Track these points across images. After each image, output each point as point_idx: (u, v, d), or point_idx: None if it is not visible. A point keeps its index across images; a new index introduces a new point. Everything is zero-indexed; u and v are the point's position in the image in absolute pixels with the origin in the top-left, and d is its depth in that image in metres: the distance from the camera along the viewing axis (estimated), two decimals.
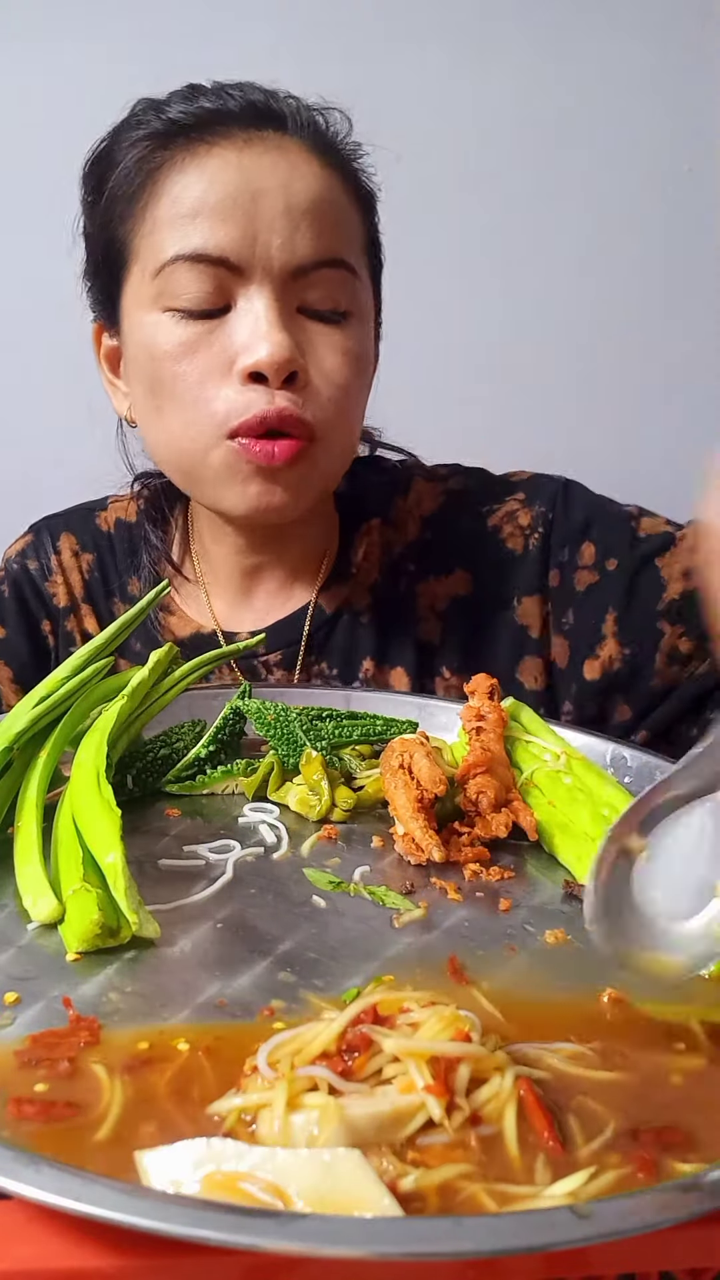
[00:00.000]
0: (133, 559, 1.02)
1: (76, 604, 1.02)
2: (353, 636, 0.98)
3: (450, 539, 0.99)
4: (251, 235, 0.79)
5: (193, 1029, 0.49)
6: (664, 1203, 0.36)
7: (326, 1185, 0.37)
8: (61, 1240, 0.36)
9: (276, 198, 0.80)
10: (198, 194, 0.80)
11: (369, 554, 0.99)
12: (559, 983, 0.56)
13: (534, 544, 0.95)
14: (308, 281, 0.82)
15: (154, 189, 0.82)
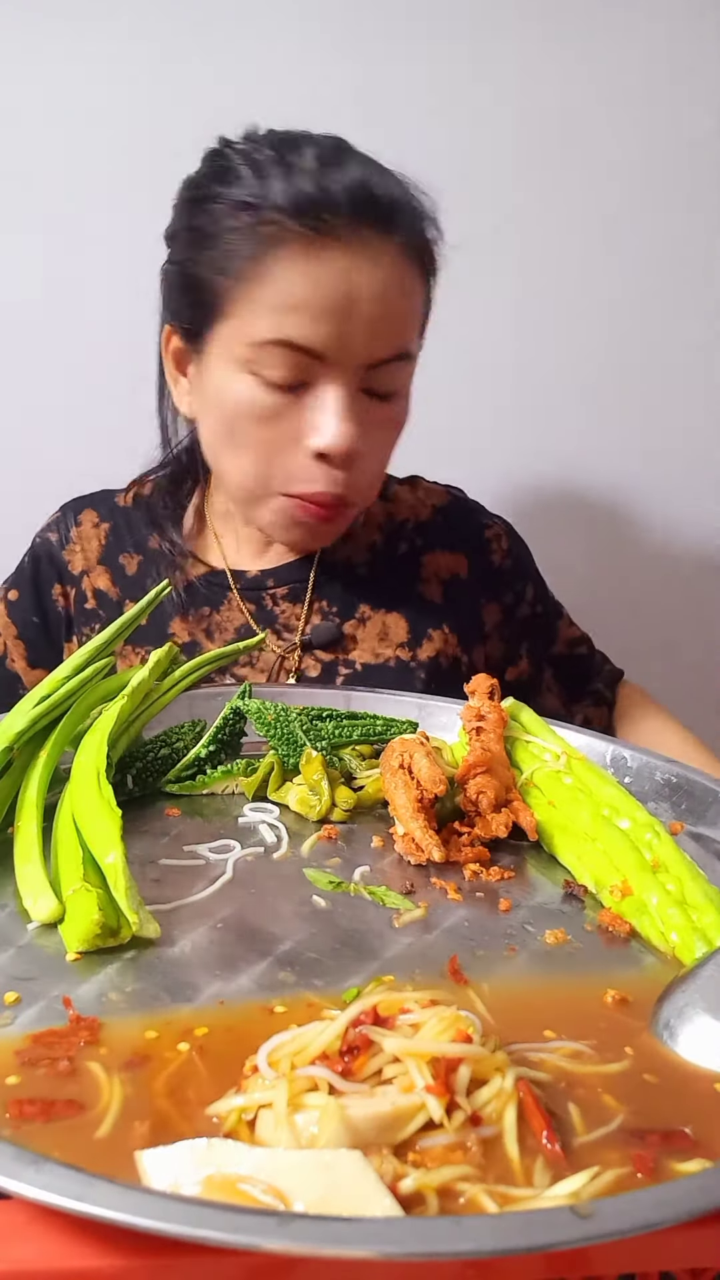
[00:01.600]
0: (151, 521, 1.13)
1: (91, 567, 1.13)
2: (352, 582, 1.12)
3: (458, 529, 1.16)
4: (343, 334, 0.89)
5: (193, 1029, 0.49)
6: (664, 1203, 0.36)
7: (326, 1186, 0.37)
8: (61, 1240, 0.36)
9: (371, 305, 0.88)
10: (304, 292, 0.87)
11: (369, 520, 1.14)
12: (559, 983, 0.56)
13: (507, 566, 1.16)
14: (376, 373, 0.92)
15: (259, 267, 0.88)
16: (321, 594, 1.10)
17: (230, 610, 1.09)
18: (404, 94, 1.39)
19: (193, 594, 1.10)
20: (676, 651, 1.63)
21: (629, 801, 0.72)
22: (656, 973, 0.57)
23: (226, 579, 1.10)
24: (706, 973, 0.53)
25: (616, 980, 0.56)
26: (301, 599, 1.09)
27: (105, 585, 1.12)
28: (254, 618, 1.09)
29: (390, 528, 1.14)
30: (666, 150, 1.44)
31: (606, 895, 0.64)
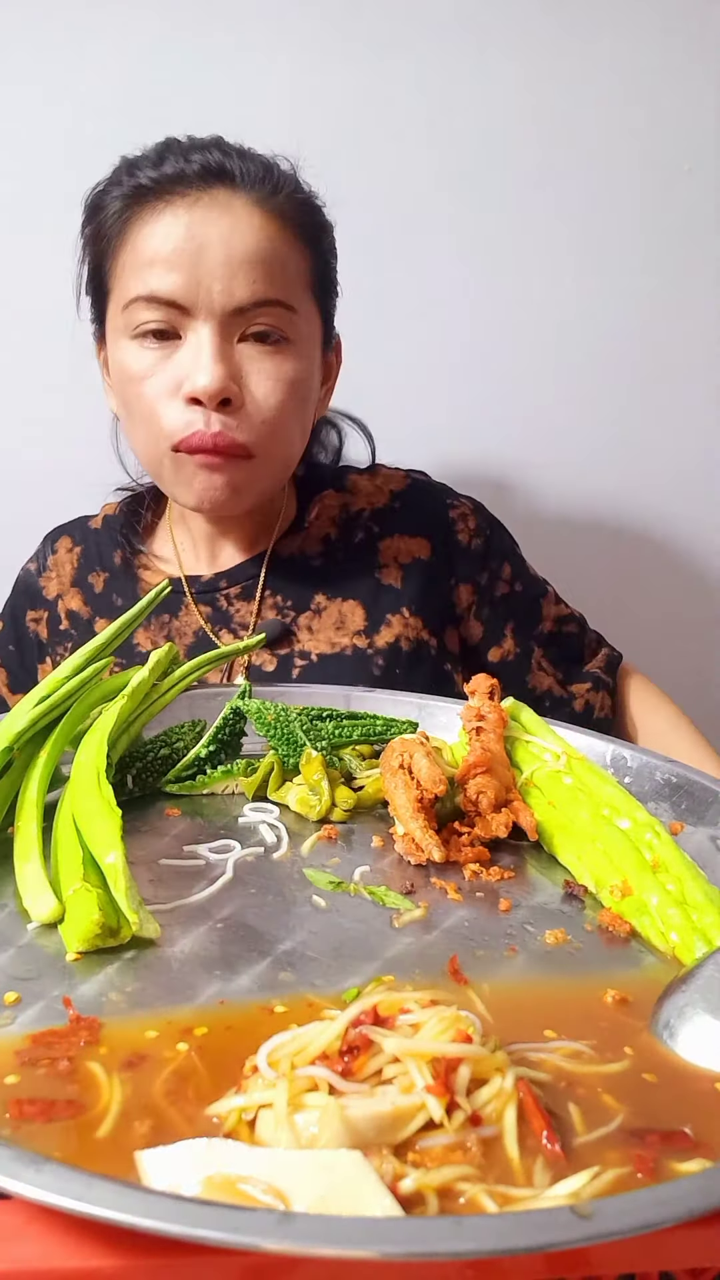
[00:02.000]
0: (114, 540, 1.18)
1: (65, 589, 1.17)
2: (305, 575, 1.13)
3: (418, 512, 1.16)
4: (195, 281, 0.93)
5: (193, 1029, 0.49)
6: (664, 1203, 0.36)
7: (326, 1186, 0.37)
8: (61, 1240, 0.36)
9: (218, 250, 0.93)
10: (154, 246, 0.94)
11: (322, 514, 1.15)
12: (559, 983, 0.56)
13: (476, 545, 1.15)
14: (245, 318, 0.95)
15: (124, 238, 0.97)
16: (274, 589, 1.11)
17: (188, 615, 1.12)
18: (402, 94, 1.38)
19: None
20: (677, 650, 1.63)
21: (629, 801, 0.72)
22: (656, 973, 0.57)
23: (182, 585, 1.12)
24: (706, 973, 0.53)
25: (616, 980, 0.56)
26: (253, 595, 1.11)
27: (77, 606, 1.16)
28: (209, 620, 1.11)
29: (345, 519, 1.15)
30: (666, 149, 1.44)
31: (606, 895, 0.64)
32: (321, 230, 1.03)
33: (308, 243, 1.00)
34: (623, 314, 1.50)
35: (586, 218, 1.46)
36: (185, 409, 0.95)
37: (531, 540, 1.26)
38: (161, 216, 0.94)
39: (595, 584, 1.56)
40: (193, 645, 1.10)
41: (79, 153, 1.38)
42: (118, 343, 0.99)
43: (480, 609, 1.15)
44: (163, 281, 0.93)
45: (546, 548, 1.30)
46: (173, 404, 0.96)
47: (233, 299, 0.93)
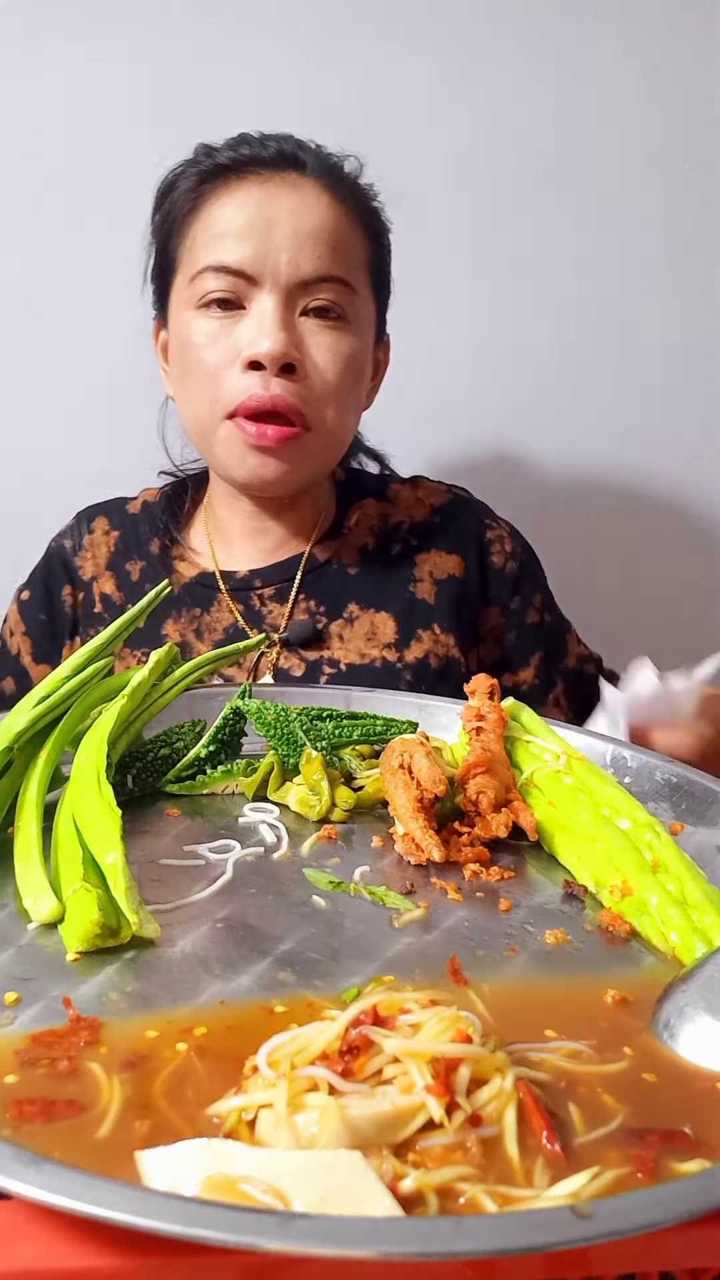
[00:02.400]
0: (153, 527, 1.18)
1: (100, 573, 1.17)
2: (340, 582, 1.13)
3: (455, 528, 1.16)
4: (264, 253, 0.97)
5: (193, 1029, 0.49)
6: (664, 1203, 0.36)
7: (326, 1186, 0.37)
8: (61, 1240, 0.36)
9: (287, 224, 0.97)
10: (226, 218, 0.99)
11: (361, 522, 1.16)
12: (559, 983, 0.56)
13: (511, 568, 1.16)
14: (309, 292, 0.99)
15: (196, 214, 1.01)
16: (308, 593, 1.12)
17: (220, 611, 1.12)
18: (401, 94, 1.38)
19: (185, 595, 1.13)
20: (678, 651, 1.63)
21: (629, 801, 0.72)
22: (656, 973, 0.57)
23: (216, 580, 1.12)
24: (706, 973, 0.53)
25: (616, 980, 0.56)
26: (287, 598, 1.11)
27: (111, 590, 1.15)
28: (243, 617, 1.11)
29: (384, 530, 1.15)
30: (666, 150, 1.44)
31: (606, 895, 0.64)
32: (380, 227, 1.08)
33: (367, 233, 1.04)
34: (623, 313, 1.50)
35: (587, 217, 1.46)
36: (244, 375, 0.97)
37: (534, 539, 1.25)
38: (234, 192, 0.99)
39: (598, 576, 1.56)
40: (222, 642, 1.09)
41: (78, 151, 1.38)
42: (181, 314, 1.02)
43: (507, 632, 1.15)
44: (233, 252, 0.97)
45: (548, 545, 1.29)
46: (232, 371, 0.98)
47: (299, 271, 0.97)
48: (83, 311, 1.40)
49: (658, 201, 1.46)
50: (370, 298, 1.06)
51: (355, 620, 1.10)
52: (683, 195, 1.46)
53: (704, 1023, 0.49)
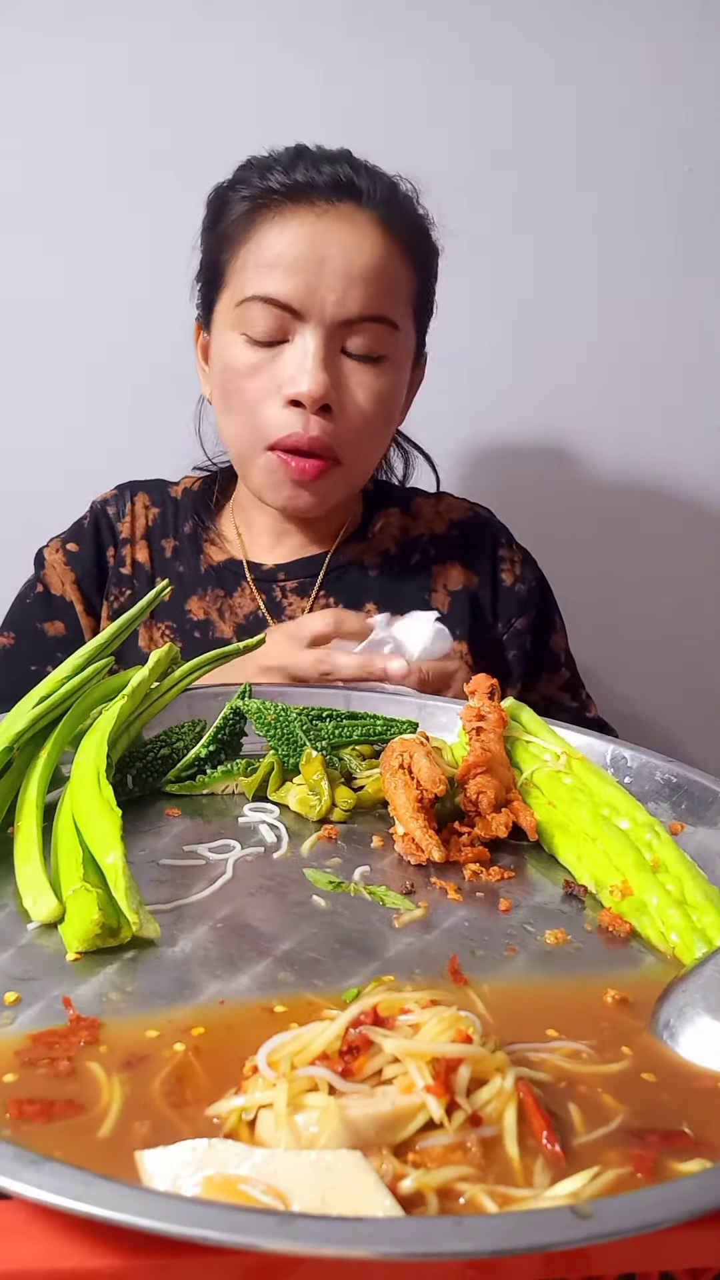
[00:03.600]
0: (189, 512, 1.23)
1: (135, 539, 1.21)
2: (360, 583, 1.17)
3: (472, 544, 1.21)
4: (313, 289, 0.98)
5: (193, 1029, 0.49)
6: (664, 1203, 0.36)
7: (326, 1187, 0.37)
8: (61, 1240, 0.36)
9: (338, 261, 0.97)
10: (278, 250, 0.98)
11: (384, 530, 1.20)
12: (559, 983, 0.56)
13: (520, 590, 1.20)
14: (352, 330, 1.00)
15: (249, 236, 1.01)
16: (329, 591, 1.15)
17: (243, 597, 1.15)
18: (402, 95, 1.38)
19: (212, 575, 1.17)
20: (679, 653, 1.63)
21: (629, 801, 0.72)
22: (656, 973, 0.57)
23: (243, 569, 1.17)
24: (707, 973, 0.53)
25: (616, 980, 0.56)
26: (309, 594, 1.15)
27: (144, 559, 1.19)
28: (265, 606, 1.14)
29: (404, 541, 1.20)
30: (666, 150, 1.44)
31: (606, 895, 0.64)
32: (430, 253, 1.08)
33: (416, 264, 1.05)
34: (623, 313, 1.50)
35: (588, 218, 1.46)
36: (284, 410, 1.00)
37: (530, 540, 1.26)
38: (289, 222, 0.98)
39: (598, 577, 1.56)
40: (242, 626, 1.14)
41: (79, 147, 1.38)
42: (224, 334, 1.03)
43: (507, 650, 1.19)
44: (282, 285, 0.98)
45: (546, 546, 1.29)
46: (273, 404, 1.00)
47: (344, 310, 0.98)
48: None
49: (659, 202, 1.46)
50: (412, 329, 1.07)
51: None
52: (684, 196, 1.46)
53: (704, 1023, 0.49)
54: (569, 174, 1.44)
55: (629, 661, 1.57)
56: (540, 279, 1.47)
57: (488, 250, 1.44)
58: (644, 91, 1.42)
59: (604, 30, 1.40)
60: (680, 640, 1.63)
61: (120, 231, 1.38)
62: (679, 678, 1.63)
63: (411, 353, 1.09)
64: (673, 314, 1.50)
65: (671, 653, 1.63)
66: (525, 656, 1.20)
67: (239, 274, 1.01)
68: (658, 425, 1.54)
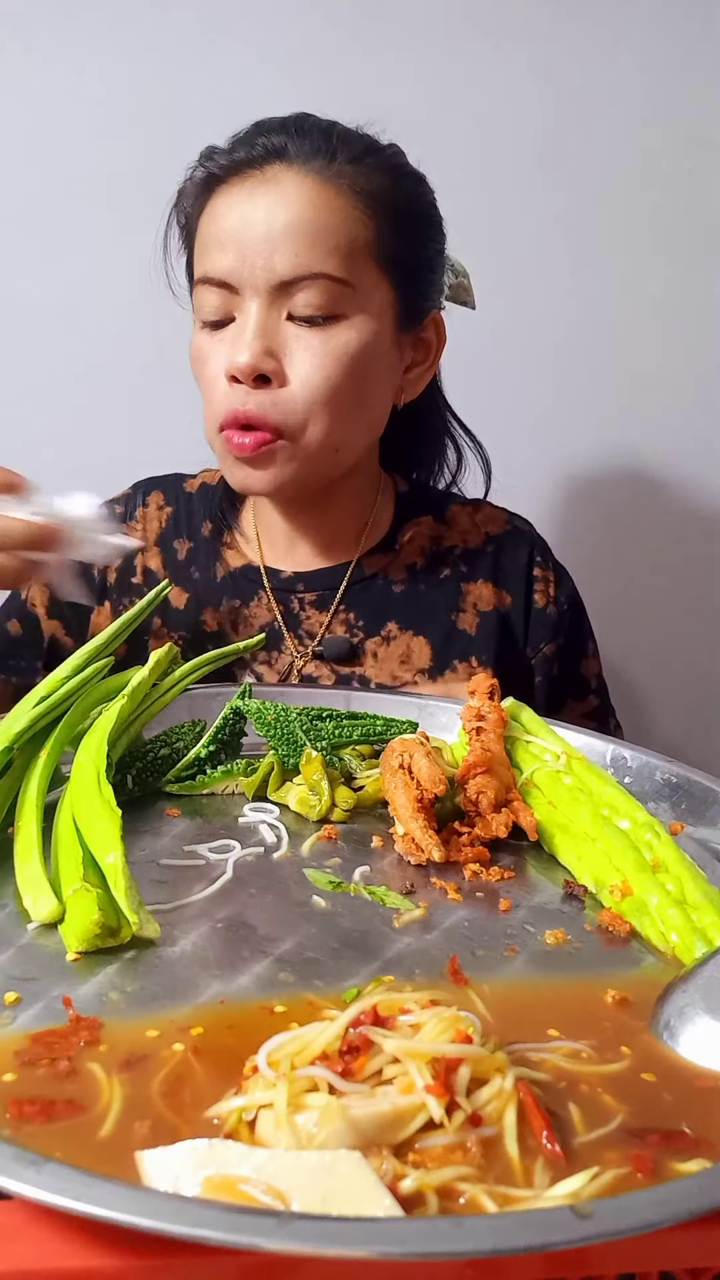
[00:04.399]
0: (207, 510, 1.16)
1: (149, 546, 1.15)
2: (383, 598, 1.10)
3: (508, 562, 1.14)
4: (241, 260, 0.92)
5: (193, 1029, 0.49)
6: (664, 1203, 0.36)
7: (327, 1187, 0.37)
8: (61, 1240, 0.36)
9: (260, 225, 0.92)
10: (212, 230, 0.95)
11: (414, 540, 1.13)
12: (559, 983, 0.56)
13: (550, 612, 1.13)
14: (291, 293, 0.93)
15: (198, 224, 0.98)
16: (350, 605, 1.09)
17: (259, 607, 1.10)
18: (402, 95, 1.38)
19: (228, 583, 1.11)
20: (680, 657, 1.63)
21: (629, 801, 0.72)
22: (656, 973, 0.57)
23: (261, 576, 1.10)
24: (707, 973, 0.53)
25: (616, 980, 0.56)
26: (328, 607, 1.09)
27: (156, 566, 1.13)
28: (282, 618, 1.09)
29: (434, 552, 1.13)
30: (666, 150, 1.44)
31: (606, 895, 0.64)
32: (400, 201, 0.98)
33: (374, 212, 0.95)
34: (623, 313, 1.50)
35: (587, 217, 1.46)
36: (229, 389, 0.95)
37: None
38: (221, 199, 0.95)
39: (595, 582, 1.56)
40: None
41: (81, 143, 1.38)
42: (193, 328, 1.00)
43: (535, 675, 1.13)
44: (217, 263, 0.94)
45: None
46: (220, 385, 0.96)
47: (274, 274, 0.92)
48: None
49: (658, 202, 1.46)
50: (382, 283, 0.97)
51: (393, 640, 1.08)
52: (683, 195, 1.46)
53: (704, 1023, 0.49)
54: (568, 173, 1.44)
55: (629, 661, 1.57)
56: (539, 279, 1.47)
57: (487, 250, 1.43)
58: (644, 91, 1.42)
59: (604, 30, 1.40)
60: (681, 640, 1.63)
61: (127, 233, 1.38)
62: (679, 678, 1.63)
63: (386, 308, 0.98)
64: (672, 313, 1.50)
65: (672, 652, 1.63)
66: (549, 684, 1.13)
67: (196, 263, 0.99)
68: (657, 425, 1.54)
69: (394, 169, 0.99)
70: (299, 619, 1.09)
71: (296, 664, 1.07)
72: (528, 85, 1.41)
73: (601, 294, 1.49)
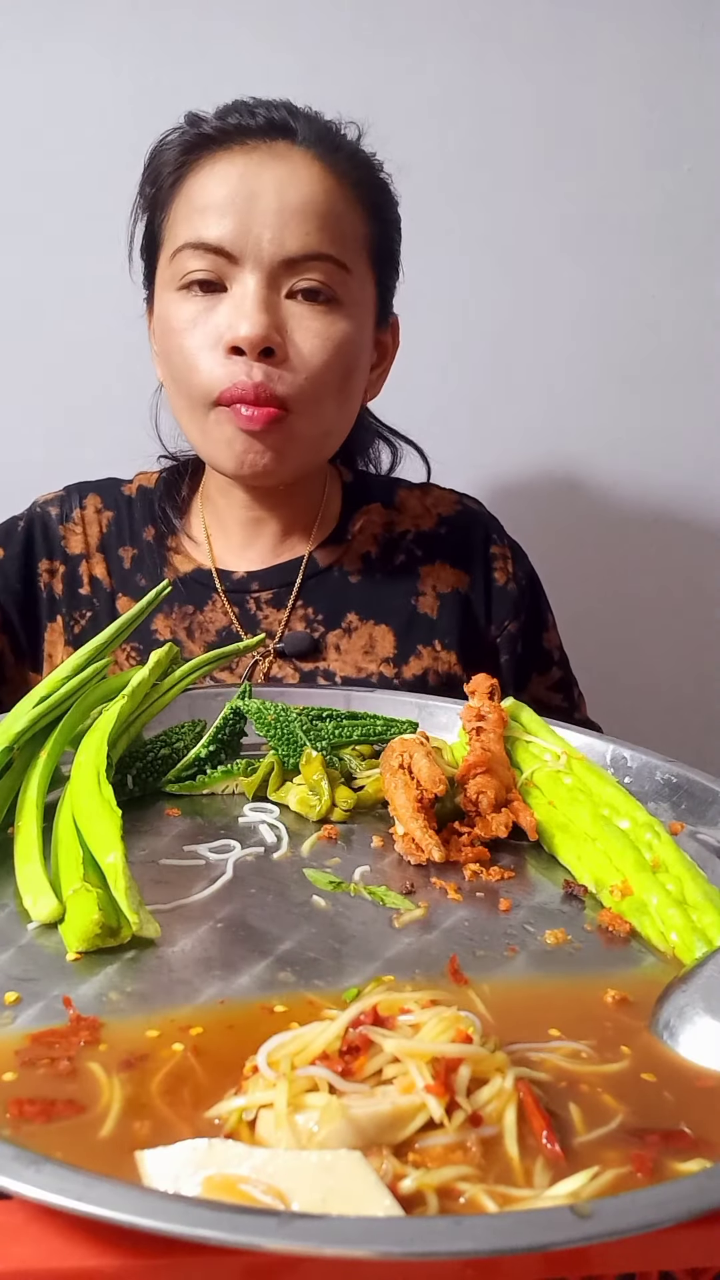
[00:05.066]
0: (149, 514, 1.13)
1: (90, 552, 1.11)
2: (340, 590, 1.09)
3: (462, 541, 1.13)
4: (245, 229, 0.90)
5: (192, 1029, 0.49)
6: (664, 1202, 0.36)
7: (327, 1186, 0.37)
8: (61, 1240, 0.36)
9: (271, 198, 0.91)
10: (207, 192, 0.92)
11: (365, 529, 1.12)
12: (559, 983, 0.56)
13: (510, 589, 1.14)
14: (295, 271, 0.92)
15: (179, 188, 0.95)
16: (307, 600, 1.08)
17: (214, 611, 1.08)
18: (402, 95, 1.38)
19: (179, 590, 1.08)
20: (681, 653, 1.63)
21: (629, 801, 0.72)
22: (656, 973, 0.57)
23: (212, 579, 1.08)
24: (706, 973, 0.53)
25: (616, 980, 0.56)
26: (285, 604, 1.07)
27: (101, 574, 1.10)
28: (238, 620, 1.07)
29: (388, 540, 1.12)
30: (666, 149, 1.44)
31: (606, 895, 0.64)
32: (384, 200, 1.00)
33: (367, 207, 0.97)
34: (623, 314, 1.50)
35: (587, 217, 1.46)
36: (226, 360, 0.92)
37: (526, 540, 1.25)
38: (218, 164, 0.93)
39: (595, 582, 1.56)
40: (214, 644, 1.06)
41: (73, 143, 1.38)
42: (164, 296, 0.97)
43: (501, 654, 1.13)
44: (213, 228, 0.91)
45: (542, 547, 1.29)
46: (214, 356, 0.93)
47: (283, 249, 0.91)
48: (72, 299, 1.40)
49: (658, 202, 1.46)
50: (369, 278, 0.98)
51: (354, 631, 1.07)
52: (684, 196, 1.46)
53: (704, 1023, 0.50)
54: (568, 173, 1.44)
55: (628, 661, 1.57)
56: (539, 279, 1.47)
57: (485, 250, 1.44)
58: (644, 91, 1.42)
59: (604, 29, 1.40)
60: (680, 639, 1.63)
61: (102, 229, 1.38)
62: (680, 678, 1.63)
63: (370, 303, 0.99)
64: (672, 314, 1.50)
65: (673, 652, 1.63)
66: (515, 661, 1.14)
67: (172, 228, 0.95)
68: (657, 425, 1.54)
69: (375, 167, 1.00)
70: (256, 620, 1.07)
71: (260, 665, 1.06)
72: (527, 85, 1.41)
73: (601, 294, 1.48)
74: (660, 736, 1.61)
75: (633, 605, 1.60)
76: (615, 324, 1.50)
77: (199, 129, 0.95)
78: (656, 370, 1.52)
